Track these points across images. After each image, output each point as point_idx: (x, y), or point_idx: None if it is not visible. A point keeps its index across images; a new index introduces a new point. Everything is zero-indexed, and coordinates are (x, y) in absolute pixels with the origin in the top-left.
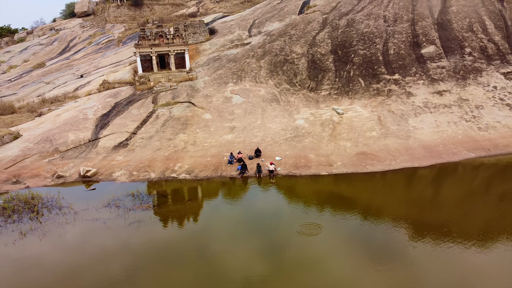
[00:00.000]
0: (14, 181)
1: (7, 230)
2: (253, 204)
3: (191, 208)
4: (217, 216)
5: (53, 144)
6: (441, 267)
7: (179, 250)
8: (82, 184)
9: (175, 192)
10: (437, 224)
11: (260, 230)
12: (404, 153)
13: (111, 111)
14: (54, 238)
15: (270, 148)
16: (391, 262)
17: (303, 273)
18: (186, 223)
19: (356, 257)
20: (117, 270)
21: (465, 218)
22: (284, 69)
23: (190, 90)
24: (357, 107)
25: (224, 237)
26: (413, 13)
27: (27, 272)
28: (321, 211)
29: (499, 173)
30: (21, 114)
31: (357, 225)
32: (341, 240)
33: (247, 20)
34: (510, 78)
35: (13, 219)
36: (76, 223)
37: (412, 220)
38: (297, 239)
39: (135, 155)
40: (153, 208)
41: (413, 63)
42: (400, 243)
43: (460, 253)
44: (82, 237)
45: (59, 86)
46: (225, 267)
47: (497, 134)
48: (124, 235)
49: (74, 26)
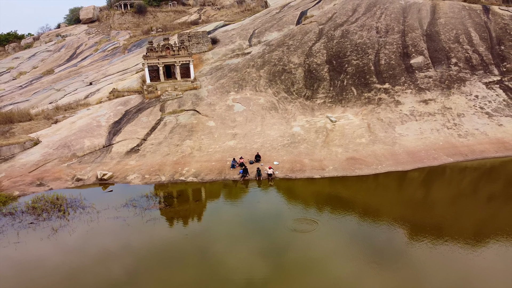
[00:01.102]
0: (38, 183)
1: (40, 226)
2: (254, 204)
3: (199, 208)
4: (222, 214)
5: (70, 149)
6: (414, 252)
7: (192, 243)
8: (99, 186)
9: (184, 194)
10: (412, 218)
11: (261, 226)
12: (390, 158)
13: (122, 119)
14: (82, 233)
15: (269, 154)
16: (373, 248)
17: (300, 258)
18: (195, 220)
19: (343, 244)
20: (140, 259)
21: (439, 214)
22: (282, 78)
23: (194, 99)
24: (349, 115)
25: (229, 232)
26: (404, 24)
27: (64, 260)
28: (314, 208)
29: (473, 176)
30: (38, 121)
31: (346, 220)
32: (332, 232)
33: (248, 30)
34: (491, 88)
35: (43, 217)
36: (99, 221)
37: (393, 215)
38: (293, 234)
39: (146, 159)
40: (166, 208)
41: (403, 72)
42: (383, 235)
43: (434, 241)
44: (106, 232)
45: (70, 93)
46: (232, 253)
47: (474, 141)
48: (142, 231)
49: (80, 33)
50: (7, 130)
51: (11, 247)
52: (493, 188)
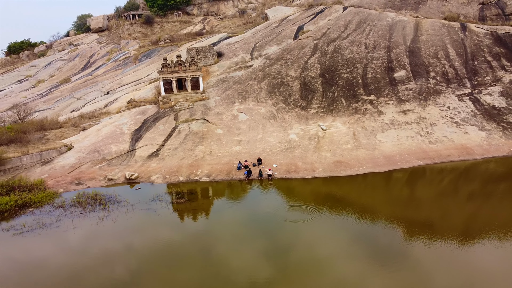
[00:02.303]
0: (76, 182)
1: (88, 216)
2: (257, 198)
3: (214, 202)
4: (232, 206)
5: (100, 154)
6: (375, 232)
7: (211, 227)
8: (127, 185)
9: (199, 191)
10: (382, 207)
11: (262, 214)
12: (369, 162)
13: (142, 127)
14: (123, 221)
15: (269, 157)
16: (350, 228)
17: (295, 234)
18: (212, 211)
19: (327, 228)
20: (172, 240)
21: (403, 203)
22: (281, 90)
23: (204, 109)
24: (338, 124)
25: (238, 217)
26: (389, 41)
27: (113, 240)
28: (305, 201)
29: (437, 176)
30: (67, 128)
31: (331, 210)
32: (320, 219)
33: (249, 43)
34: (462, 100)
35: (89, 209)
36: (134, 212)
37: (367, 205)
38: (286, 222)
39: (165, 162)
40: (186, 202)
41: (387, 85)
42: (358, 218)
43: (394, 221)
44: (142, 220)
45: (90, 102)
46: (240, 231)
47: (442, 146)
48: (170, 220)
49: (91, 42)
50: (42, 136)
51: (70, 231)
52: (452, 185)
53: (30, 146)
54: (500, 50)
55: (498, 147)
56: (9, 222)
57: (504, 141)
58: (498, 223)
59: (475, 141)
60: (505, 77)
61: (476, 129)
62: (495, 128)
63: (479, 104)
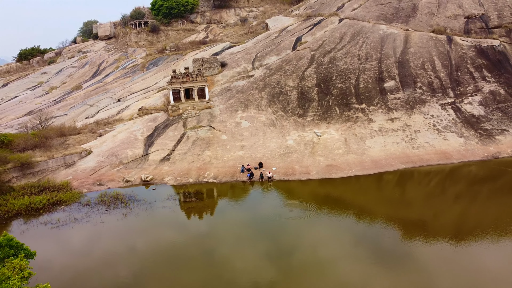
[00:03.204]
0: (98, 184)
1: (112, 213)
2: (259, 197)
3: (220, 201)
4: (237, 205)
5: (117, 158)
6: (355, 228)
7: (219, 222)
8: (143, 186)
9: (208, 191)
10: (366, 203)
11: (263, 210)
12: (358, 165)
13: (153, 133)
14: (144, 216)
15: (269, 161)
16: (340, 217)
17: (292, 228)
18: (219, 208)
19: (321, 222)
20: (186, 231)
21: (386, 199)
22: (280, 99)
23: (209, 116)
24: (331, 131)
25: (243, 211)
26: (380, 52)
27: (137, 232)
28: (301, 200)
29: (418, 178)
30: (85, 134)
31: (323, 206)
32: (314, 214)
33: (251, 54)
34: (444, 108)
35: (112, 207)
36: (152, 209)
37: (354, 201)
38: (285, 217)
39: (176, 166)
40: (197, 201)
41: (377, 95)
42: (347, 210)
43: (376, 214)
44: (160, 217)
45: (103, 109)
46: (244, 226)
47: (424, 151)
48: (184, 215)
49: (100, 49)
50: (63, 142)
51: (99, 225)
52: (431, 185)
53: (54, 150)
54: (482, 62)
55: (473, 152)
56: (45, 217)
57: (479, 146)
58: (475, 219)
59: (454, 147)
60: (485, 87)
61: (455, 135)
62: (472, 135)
63: (460, 112)
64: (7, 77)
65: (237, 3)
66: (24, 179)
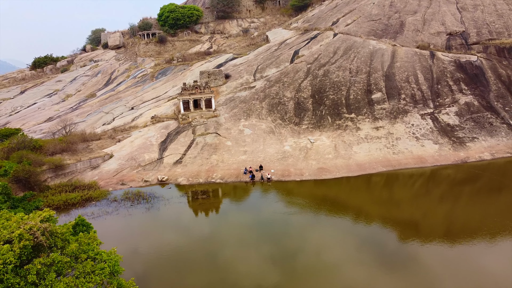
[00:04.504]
0: (121, 183)
1: (137, 207)
2: (259, 195)
3: (227, 198)
4: (242, 200)
5: (136, 161)
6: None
7: (227, 214)
8: (159, 185)
9: (216, 190)
10: (349, 199)
11: (263, 206)
12: (345, 168)
13: (166, 139)
14: (164, 210)
15: (268, 165)
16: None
17: (288, 220)
18: (226, 203)
19: (312, 214)
20: (198, 222)
21: (367, 197)
22: (278, 109)
23: (216, 124)
24: (323, 138)
25: (247, 205)
26: (370, 66)
27: (161, 222)
28: (295, 197)
29: (396, 179)
30: (105, 139)
31: (313, 201)
32: (304, 208)
33: (252, 66)
34: (424, 118)
35: (136, 202)
36: (170, 204)
37: (340, 197)
38: (282, 209)
39: (188, 168)
40: (207, 198)
41: (365, 105)
42: (334, 203)
43: (354, 224)
44: (177, 210)
45: (118, 117)
46: (248, 216)
47: (402, 156)
48: (197, 210)
49: (110, 59)
50: (86, 146)
51: (128, 217)
52: (408, 185)
53: (80, 154)
54: (460, 75)
55: (446, 157)
56: (80, 211)
57: (451, 152)
58: (460, 217)
59: (429, 153)
60: (461, 99)
61: (431, 142)
62: (446, 142)
63: (437, 122)
64: (23, 84)
65: (239, 14)
66: (57, 179)
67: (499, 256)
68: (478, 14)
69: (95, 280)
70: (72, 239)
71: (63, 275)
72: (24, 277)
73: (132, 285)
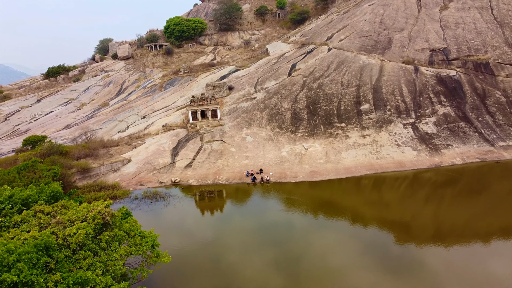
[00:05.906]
0: (140, 184)
1: (156, 204)
2: (260, 194)
3: (232, 196)
4: (245, 198)
5: (151, 165)
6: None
7: (233, 209)
8: (173, 186)
9: (222, 190)
10: (335, 198)
11: (263, 203)
12: (334, 171)
13: (177, 146)
14: (179, 206)
15: (267, 168)
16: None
17: (285, 214)
18: (231, 202)
19: (305, 209)
20: (208, 216)
21: (354, 198)
22: (277, 118)
23: (221, 133)
24: (316, 145)
25: (251, 202)
26: (359, 80)
27: (178, 215)
28: (289, 194)
29: (377, 182)
30: (122, 146)
31: (305, 197)
32: (297, 204)
33: (253, 78)
34: (406, 127)
35: (155, 200)
36: (183, 201)
37: (328, 195)
38: (280, 207)
39: (197, 171)
40: (214, 196)
41: (354, 115)
42: (322, 201)
43: (344, 210)
44: (190, 206)
45: (132, 125)
46: (250, 211)
47: (384, 161)
48: (207, 205)
49: (120, 69)
50: (106, 152)
51: (149, 211)
52: (388, 186)
53: (101, 159)
54: (440, 88)
55: (422, 162)
56: None
57: (428, 158)
58: (443, 218)
59: (408, 158)
60: (440, 110)
61: (410, 149)
62: (424, 148)
63: (417, 131)
64: (39, 93)
65: (241, 26)
66: (84, 181)
67: (499, 256)
68: (459, 32)
69: (142, 249)
70: (123, 222)
71: (121, 244)
72: (98, 244)
73: (166, 256)
